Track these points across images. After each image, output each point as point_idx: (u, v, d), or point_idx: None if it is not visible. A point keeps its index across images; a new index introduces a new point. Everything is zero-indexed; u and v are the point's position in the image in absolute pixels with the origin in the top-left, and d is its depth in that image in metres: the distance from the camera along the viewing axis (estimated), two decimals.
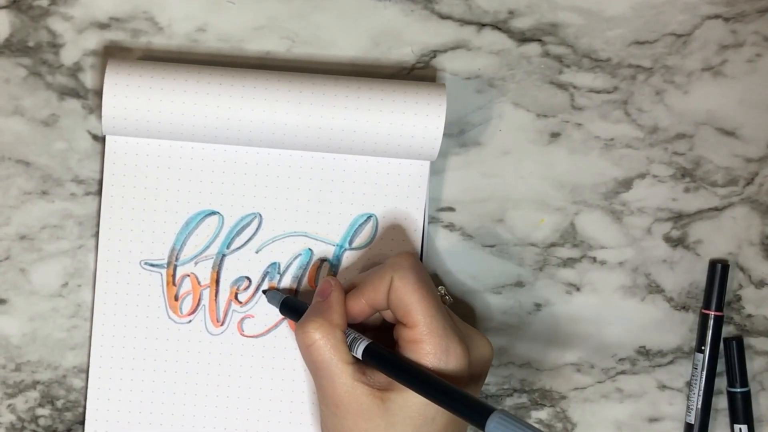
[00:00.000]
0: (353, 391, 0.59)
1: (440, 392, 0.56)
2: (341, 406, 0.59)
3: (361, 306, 0.61)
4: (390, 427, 0.58)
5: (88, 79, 0.67)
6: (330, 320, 0.60)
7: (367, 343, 0.60)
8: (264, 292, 0.67)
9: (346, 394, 0.59)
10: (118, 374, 0.66)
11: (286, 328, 0.67)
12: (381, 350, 0.59)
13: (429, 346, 0.58)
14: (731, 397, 0.69)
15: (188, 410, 0.67)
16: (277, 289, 0.67)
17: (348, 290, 0.62)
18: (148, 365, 0.66)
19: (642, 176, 0.69)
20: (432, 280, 0.65)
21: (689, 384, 0.70)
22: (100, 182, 0.67)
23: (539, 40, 0.68)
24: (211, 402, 0.67)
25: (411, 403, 0.58)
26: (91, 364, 0.66)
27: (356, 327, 0.62)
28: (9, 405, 0.67)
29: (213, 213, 0.66)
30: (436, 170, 0.68)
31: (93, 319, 0.66)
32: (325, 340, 0.59)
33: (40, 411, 0.67)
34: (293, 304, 0.65)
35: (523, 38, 0.68)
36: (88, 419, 0.67)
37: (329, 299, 0.61)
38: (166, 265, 0.66)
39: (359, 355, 0.60)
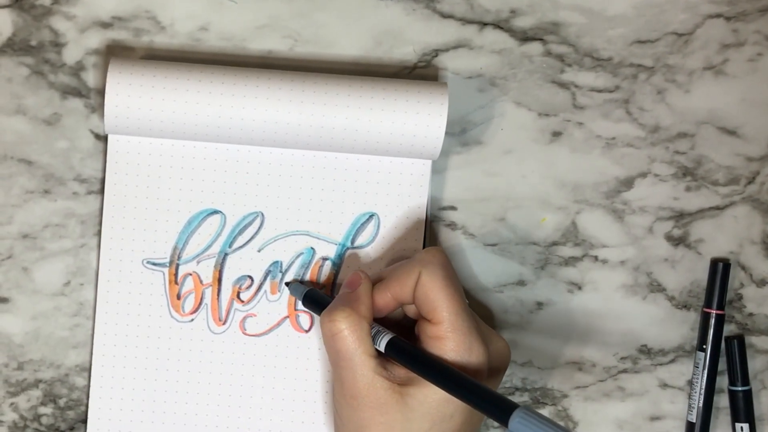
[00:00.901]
0: (373, 384, 0.59)
1: (464, 387, 0.56)
2: (359, 398, 0.59)
3: (386, 299, 0.61)
4: (407, 423, 0.58)
5: (91, 78, 0.67)
6: (358, 311, 0.60)
7: (390, 336, 0.60)
8: (287, 284, 0.67)
9: (365, 387, 0.59)
10: (121, 373, 0.66)
11: (288, 327, 0.67)
12: (404, 344, 0.59)
13: (452, 343, 0.59)
14: (732, 395, 0.69)
15: (190, 409, 0.67)
16: (300, 281, 0.67)
17: (374, 283, 0.62)
18: (151, 364, 0.67)
19: (643, 175, 0.69)
20: None
21: (691, 383, 0.70)
22: (103, 181, 0.67)
23: (541, 40, 0.68)
24: (213, 401, 0.67)
25: (430, 399, 0.58)
26: (93, 363, 0.66)
27: (378, 321, 0.62)
28: (11, 404, 0.67)
29: (215, 212, 0.66)
30: (438, 169, 0.68)
31: (95, 318, 0.66)
32: (350, 330, 0.59)
33: (42, 410, 0.68)
34: (317, 297, 0.64)
35: (524, 37, 0.68)
36: (90, 418, 0.67)
37: (358, 291, 0.61)
38: (168, 264, 0.66)
39: (382, 348, 0.60)
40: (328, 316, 0.60)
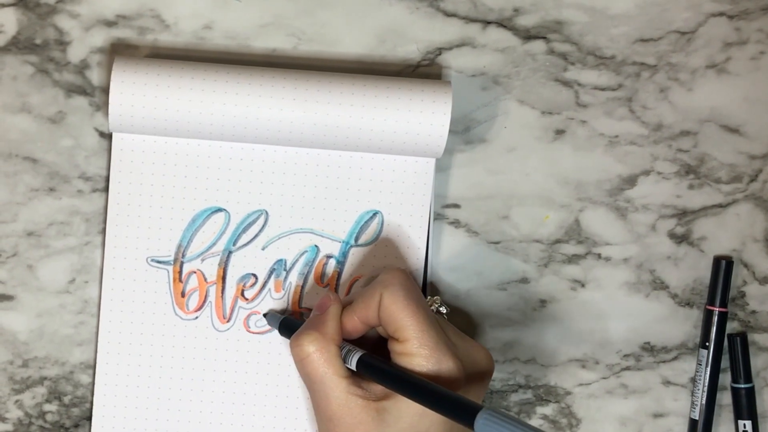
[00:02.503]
0: (347, 404, 0.59)
1: (428, 394, 0.56)
2: (334, 419, 0.59)
3: (354, 323, 0.62)
4: None
5: (95, 76, 0.67)
6: (325, 333, 0.60)
7: (360, 354, 0.60)
8: (264, 315, 0.67)
9: (339, 408, 0.59)
10: (125, 370, 0.67)
11: None
12: (373, 360, 0.59)
13: (420, 358, 0.58)
14: (735, 393, 0.69)
15: (195, 406, 0.67)
16: (274, 311, 0.67)
17: (345, 306, 0.62)
18: (155, 361, 0.67)
19: (646, 173, 0.69)
20: (433, 290, 0.67)
21: (693, 380, 0.70)
22: (107, 179, 0.67)
23: (544, 38, 0.68)
24: (217, 398, 0.67)
25: (405, 414, 0.58)
26: (98, 360, 0.67)
27: (355, 342, 0.62)
28: (16, 401, 0.67)
29: (219, 210, 0.67)
30: (442, 167, 0.68)
31: (100, 316, 0.67)
32: (319, 353, 0.60)
33: (47, 407, 0.68)
34: (292, 324, 0.64)
35: (528, 36, 0.68)
36: (95, 415, 0.67)
37: (326, 313, 0.61)
38: (172, 262, 0.67)
39: (353, 366, 0.60)
40: (296, 341, 0.60)
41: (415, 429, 0.58)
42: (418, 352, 0.59)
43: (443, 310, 0.65)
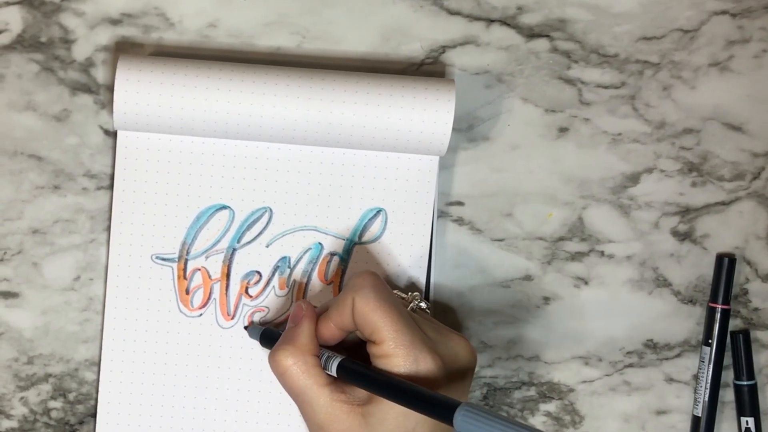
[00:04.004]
0: (332, 411, 0.59)
1: (406, 394, 0.56)
2: (323, 427, 0.60)
3: (330, 330, 0.62)
4: None
5: (100, 74, 0.67)
6: (299, 346, 0.61)
7: (340, 359, 0.60)
8: (245, 327, 0.67)
9: (325, 416, 0.59)
10: (130, 367, 0.67)
11: None
12: (353, 365, 0.60)
13: (398, 359, 0.58)
14: (738, 390, 0.70)
15: (199, 403, 0.67)
16: (255, 323, 0.67)
17: (320, 314, 0.63)
18: (159, 358, 0.67)
19: (649, 171, 0.69)
20: (412, 288, 0.66)
21: (696, 377, 0.70)
22: (112, 177, 0.67)
23: (547, 36, 0.69)
24: (221, 395, 0.67)
25: (389, 416, 0.58)
26: (102, 357, 0.67)
27: (335, 347, 0.62)
28: (21, 398, 0.68)
29: (223, 207, 0.67)
30: (445, 165, 0.68)
31: (105, 313, 0.67)
32: (296, 366, 0.60)
33: (52, 404, 0.68)
34: (271, 335, 0.65)
35: (531, 34, 0.69)
36: (99, 412, 0.67)
37: (299, 326, 0.62)
38: (177, 259, 0.67)
39: (333, 372, 0.60)
40: (273, 357, 0.61)
41: (402, 429, 0.58)
42: (395, 352, 0.58)
43: (424, 305, 0.64)
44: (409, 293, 0.65)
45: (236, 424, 0.67)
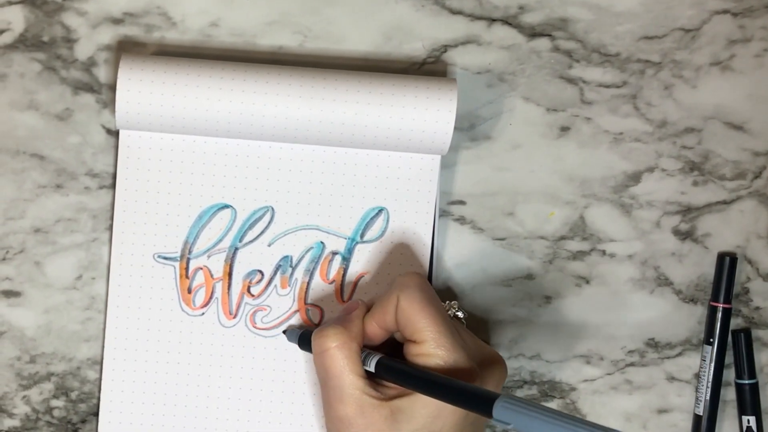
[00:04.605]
0: (360, 403, 0.59)
1: (447, 388, 0.56)
2: (345, 419, 0.59)
3: (373, 329, 0.62)
4: None
5: (102, 73, 0.67)
6: (349, 331, 0.61)
7: (379, 356, 0.60)
8: (283, 332, 0.67)
9: (353, 406, 0.59)
10: (132, 366, 0.67)
11: (298, 321, 0.68)
12: (392, 362, 0.60)
13: (437, 359, 0.59)
14: (739, 388, 0.70)
15: (201, 402, 0.67)
16: (294, 327, 0.67)
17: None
18: (162, 357, 0.67)
19: (651, 170, 0.69)
20: (449, 294, 0.67)
21: (698, 376, 0.70)
22: (114, 176, 0.67)
23: (549, 35, 0.69)
24: (223, 394, 0.67)
25: (418, 416, 0.59)
26: (105, 356, 0.67)
27: (374, 349, 0.63)
28: (24, 396, 0.68)
29: (226, 206, 0.67)
30: (447, 164, 0.68)
31: (107, 312, 0.67)
32: (340, 348, 0.60)
33: (54, 402, 0.68)
34: (310, 336, 0.64)
35: (533, 33, 0.69)
36: (102, 411, 0.67)
37: (351, 314, 0.62)
38: (179, 258, 0.67)
39: (372, 368, 0.60)
40: (320, 333, 0.61)
41: (428, 429, 0.58)
42: (435, 352, 0.59)
43: (460, 314, 0.65)
44: (447, 301, 0.65)
45: (238, 422, 0.67)
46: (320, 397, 0.67)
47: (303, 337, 0.65)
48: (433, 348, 0.59)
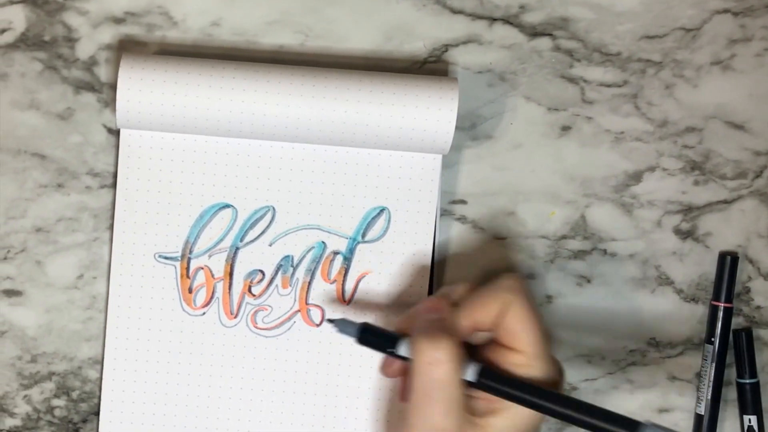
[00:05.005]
0: (460, 417, 0.57)
1: (581, 409, 0.55)
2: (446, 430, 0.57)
3: (464, 326, 0.59)
4: None
5: (103, 73, 0.67)
6: (457, 339, 0.57)
7: (478, 366, 0.58)
8: (330, 321, 0.62)
9: (454, 420, 0.57)
10: (133, 366, 0.67)
11: (299, 321, 0.68)
12: (496, 373, 0.58)
13: (535, 370, 0.58)
14: (741, 388, 0.70)
15: (202, 402, 0.67)
16: (346, 320, 0.62)
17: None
18: (162, 357, 0.67)
19: (652, 169, 0.69)
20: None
21: (699, 375, 0.70)
22: (115, 175, 0.67)
23: (550, 35, 0.69)
24: (224, 393, 0.67)
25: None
26: (106, 356, 0.67)
27: None
28: (25, 396, 0.68)
29: (226, 206, 0.67)
30: (448, 163, 0.68)
31: (108, 311, 0.67)
32: (452, 359, 0.56)
33: (55, 402, 0.68)
34: (376, 332, 0.61)
35: (534, 32, 0.69)
36: (103, 410, 0.67)
37: (450, 319, 0.59)
38: (180, 258, 0.67)
39: (471, 377, 0.57)
40: (431, 342, 0.57)
41: None
42: (532, 364, 0.58)
43: None
44: None
45: (239, 422, 0.67)
46: (323, 395, 0.67)
47: (367, 330, 0.60)
48: (532, 358, 0.58)
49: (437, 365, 0.57)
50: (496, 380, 0.57)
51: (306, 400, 0.68)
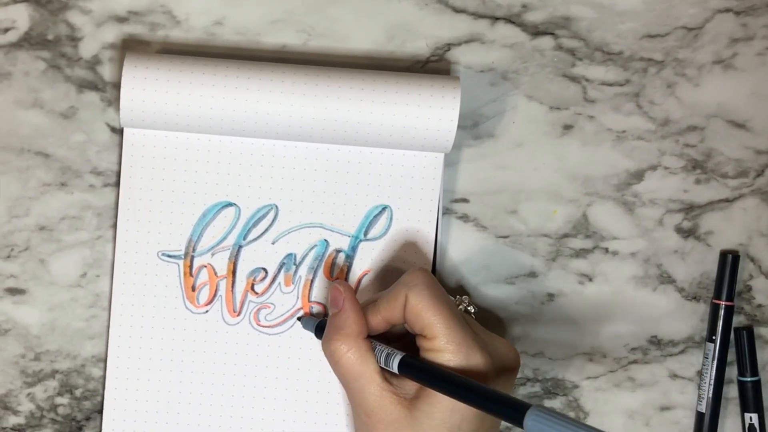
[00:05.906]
0: (382, 400, 0.60)
1: (475, 393, 0.56)
2: (372, 415, 0.60)
3: (378, 321, 0.62)
4: None
5: (107, 72, 0.67)
6: (351, 333, 0.61)
7: (401, 355, 0.60)
8: (298, 318, 0.68)
9: (376, 403, 0.60)
10: (136, 363, 0.67)
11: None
12: (415, 362, 0.60)
13: (449, 354, 0.59)
14: (742, 386, 0.70)
15: (205, 399, 0.67)
16: (311, 315, 0.68)
17: (367, 305, 0.63)
18: (166, 355, 0.67)
19: (653, 168, 0.69)
20: (453, 292, 0.67)
21: (700, 373, 0.70)
22: (119, 174, 0.67)
23: (552, 34, 0.69)
24: (227, 391, 0.67)
25: (436, 410, 0.59)
26: (109, 354, 0.67)
27: (381, 337, 0.63)
28: (28, 394, 0.68)
29: (230, 204, 0.67)
30: (450, 162, 0.68)
31: (111, 309, 0.67)
32: (351, 353, 0.61)
33: (59, 400, 0.68)
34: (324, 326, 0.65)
35: (536, 32, 0.69)
36: (106, 408, 0.67)
37: (344, 311, 0.62)
38: (183, 256, 0.67)
39: (395, 368, 0.60)
40: (327, 345, 0.62)
41: (448, 424, 0.59)
42: (446, 347, 0.59)
43: (471, 309, 0.65)
44: (457, 296, 0.66)
45: (242, 419, 0.68)
46: (326, 392, 0.67)
47: (320, 326, 0.65)
48: (443, 343, 0.59)
49: (341, 363, 0.61)
50: (412, 369, 0.60)
51: (309, 397, 0.68)
